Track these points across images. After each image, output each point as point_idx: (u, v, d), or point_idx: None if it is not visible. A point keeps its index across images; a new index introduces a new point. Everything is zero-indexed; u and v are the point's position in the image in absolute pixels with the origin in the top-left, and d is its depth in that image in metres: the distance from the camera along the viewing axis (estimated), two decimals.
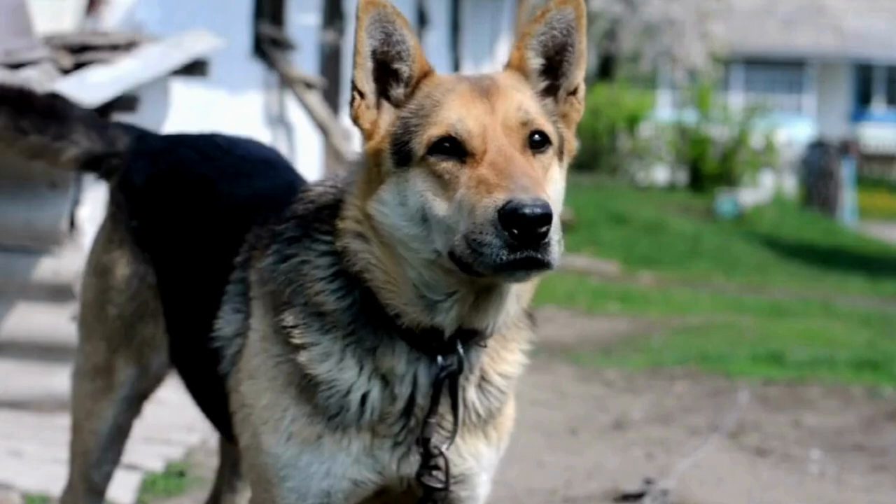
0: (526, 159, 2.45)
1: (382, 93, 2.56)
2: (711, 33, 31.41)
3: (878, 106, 40.34)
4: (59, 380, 5.60)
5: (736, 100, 32.43)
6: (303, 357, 2.58)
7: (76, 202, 5.58)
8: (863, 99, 40.54)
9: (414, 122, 2.49)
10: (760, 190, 24.89)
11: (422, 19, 18.39)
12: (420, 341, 2.55)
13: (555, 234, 2.33)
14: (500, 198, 2.32)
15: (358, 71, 2.52)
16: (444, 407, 2.58)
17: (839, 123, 38.32)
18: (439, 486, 2.59)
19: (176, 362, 3.21)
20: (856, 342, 9.56)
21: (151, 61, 6.03)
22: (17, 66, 5.46)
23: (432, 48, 19.00)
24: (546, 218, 2.30)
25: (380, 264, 2.52)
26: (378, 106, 2.55)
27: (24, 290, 5.64)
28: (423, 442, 2.56)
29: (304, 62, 12.49)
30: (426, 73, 2.55)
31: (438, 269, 2.46)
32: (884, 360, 8.44)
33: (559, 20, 2.59)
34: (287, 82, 11.57)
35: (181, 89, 7.82)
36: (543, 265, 2.34)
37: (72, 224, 5.62)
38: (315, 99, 11.54)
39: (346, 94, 14.26)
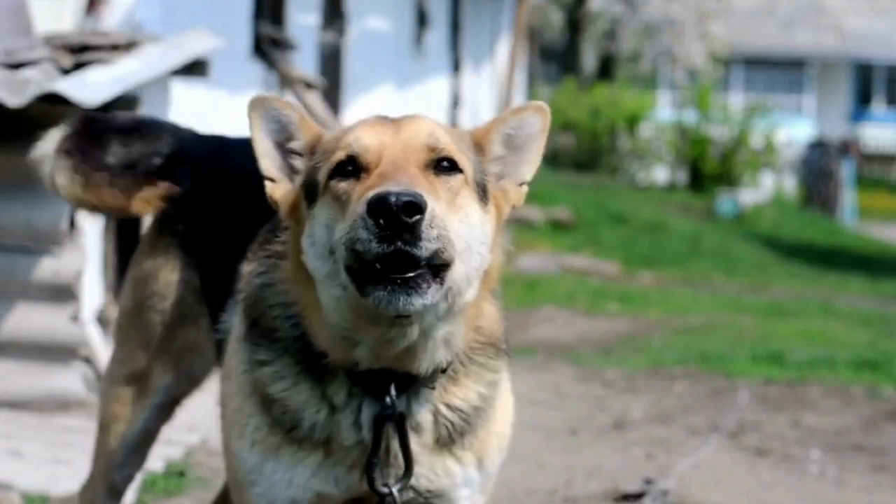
0: (425, 177, 2.40)
1: (289, 168, 2.60)
2: (711, 33, 31.46)
3: (878, 106, 40.35)
4: (59, 380, 5.60)
5: (736, 100, 32.42)
6: (259, 373, 2.61)
7: None
8: (863, 99, 40.55)
9: (319, 163, 2.51)
10: (760, 190, 24.88)
11: (422, 19, 18.37)
12: (358, 379, 2.53)
13: (431, 230, 2.27)
14: (370, 193, 2.29)
15: (263, 160, 2.59)
16: (396, 443, 2.56)
17: (839, 123, 38.33)
18: None
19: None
20: (856, 342, 9.55)
21: (151, 61, 6.03)
22: (17, 66, 5.46)
23: (432, 48, 18.99)
24: (412, 206, 2.24)
25: (309, 308, 2.52)
26: (290, 180, 2.59)
27: (24, 290, 5.64)
28: (369, 481, 2.55)
29: (304, 62, 12.49)
30: (319, 136, 2.59)
31: (348, 307, 2.42)
32: (884, 360, 8.42)
33: (528, 124, 2.61)
34: (287, 82, 11.57)
35: (181, 89, 7.82)
36: (414, 260, 2.28)
37: (72, 224, 5.61)
38: (315, 99, 11.53)
39: (346, 94, 14.29)
